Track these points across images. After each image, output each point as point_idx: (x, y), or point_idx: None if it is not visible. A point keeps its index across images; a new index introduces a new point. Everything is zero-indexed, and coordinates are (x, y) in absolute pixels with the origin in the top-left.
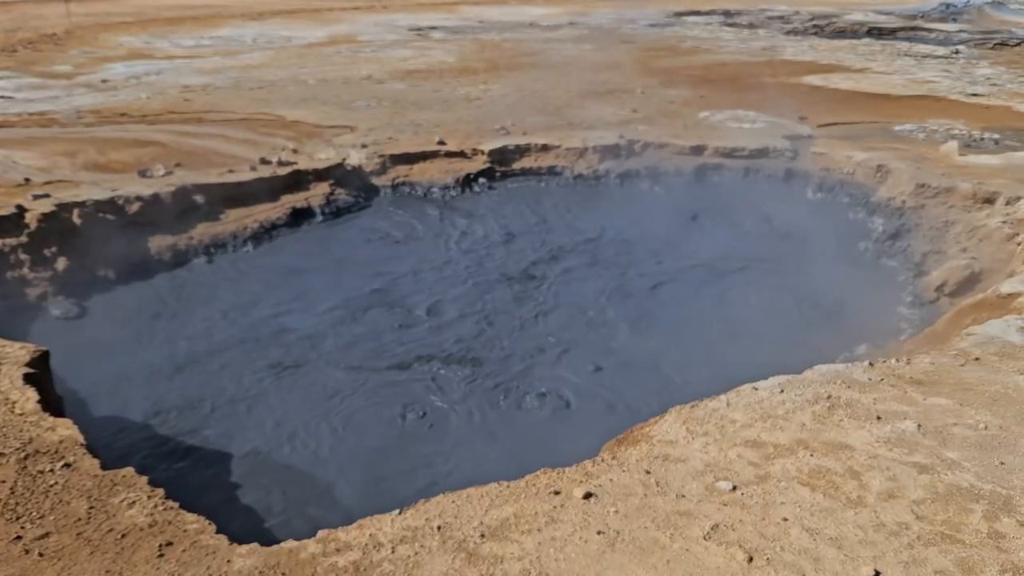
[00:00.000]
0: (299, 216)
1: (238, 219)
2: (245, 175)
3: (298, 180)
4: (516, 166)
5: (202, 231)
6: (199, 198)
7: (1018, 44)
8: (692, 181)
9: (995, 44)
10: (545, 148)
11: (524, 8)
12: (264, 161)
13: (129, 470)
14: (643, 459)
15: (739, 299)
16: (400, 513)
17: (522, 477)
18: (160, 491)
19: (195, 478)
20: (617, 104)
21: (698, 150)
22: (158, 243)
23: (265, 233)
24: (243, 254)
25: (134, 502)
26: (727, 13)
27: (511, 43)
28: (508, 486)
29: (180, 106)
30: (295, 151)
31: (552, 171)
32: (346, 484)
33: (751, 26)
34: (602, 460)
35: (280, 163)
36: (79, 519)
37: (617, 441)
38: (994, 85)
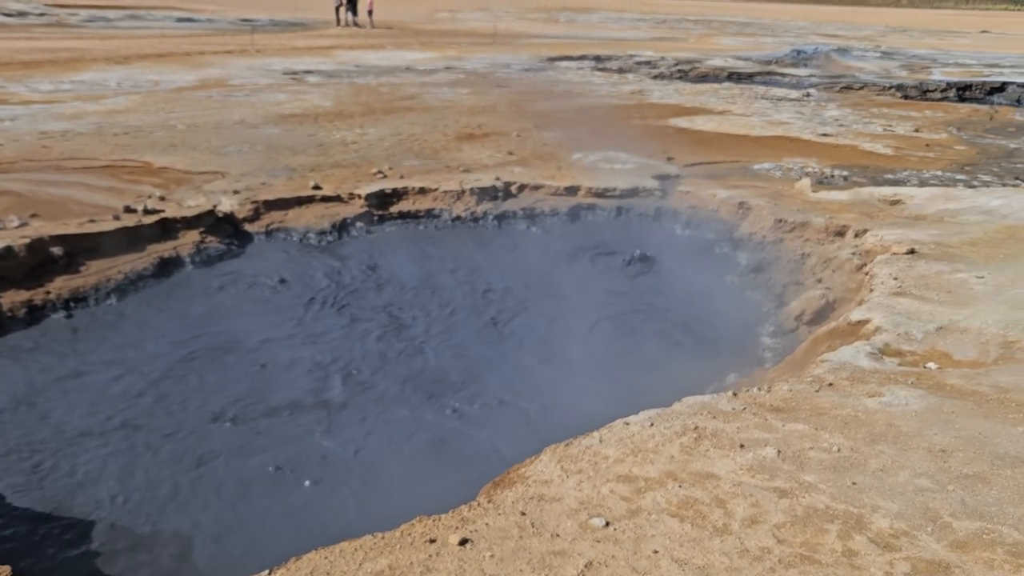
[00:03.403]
0: (167, 266)
1: (101, 271)
2: (108, 224)
3: (166, 229)
4: (394, 210)
5: (60, 285)
6: (57, 250)
7: (861, 87)
8: (567, 221)
9: (841, 87)
10: (423, 191)
11: (400, 52)
12: (129, 209)
13: None
14: (519, 501)
15: (611, 334)
16: (270, 573)
17: (398, 526)
18: (6, 568)
19: (44, 557)
20: (493, 147)
21: (572, 191)
22: (11, 299)
23: (130, 285)
24: (106, 307)
25: None
26: (598, 58)
27: (388, 87)
28: (383, 537)
29: (37, 153)
30: (162, 198)
31: (430, 214)
32: (208, 544)
33: (620, 71)
34: (478, 504)
35: (146, 211)
36: None
37: (494, 484)
38: (842, 126)
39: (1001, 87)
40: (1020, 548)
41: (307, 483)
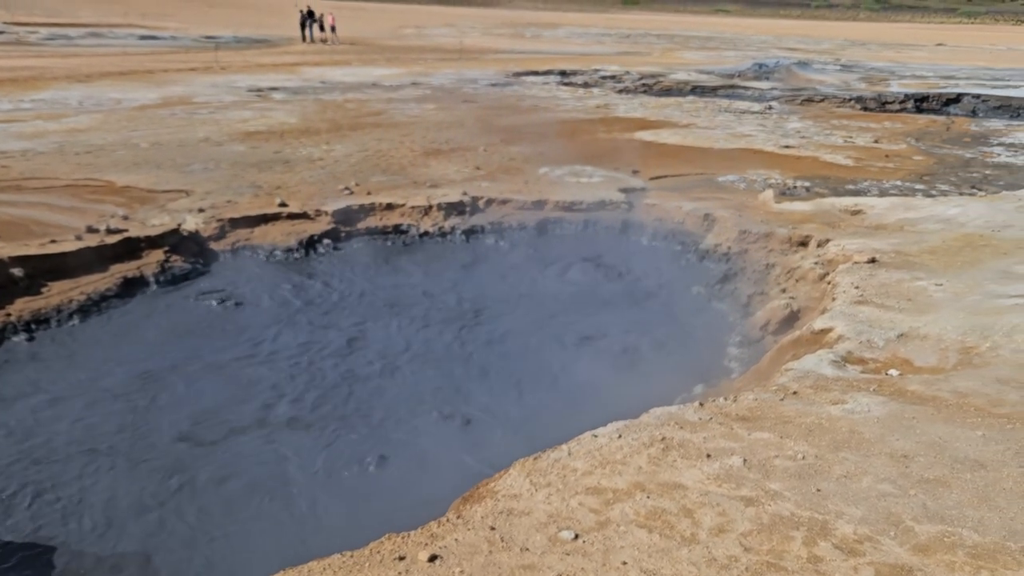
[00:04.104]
0: (131, 286)
1: (63, 292)
2: (69, 245)
3: (129, 248)
4: (361, 226)
5: (21, 307)
6: (17, 271)
7: (822, 100)
8: (535, 234)
9: (802, 100)
10: (390, 207)
11: (366, 68)
12: (91, 229)
13: None
14: (488, 515)
15: (580, 346)
16: None
17: (367, 544)
18: None
19: None
20: (461, 162)
21: (539, 204)
22: None
23: (93, 306)
24: (68, 328)
25: None
26: (563, 73)
27: (354, 103)
28: (352, 555)
29: None
30: (126, 218)
31: (398, 229)
32: (175, 566)
33: (586, 85)
34: (447, 520)
35: (109, 231)
36: None
37: (463, 499)
38: (803, 137)
39: (957, 98)
40: (980, 550)
41: (275, 502)
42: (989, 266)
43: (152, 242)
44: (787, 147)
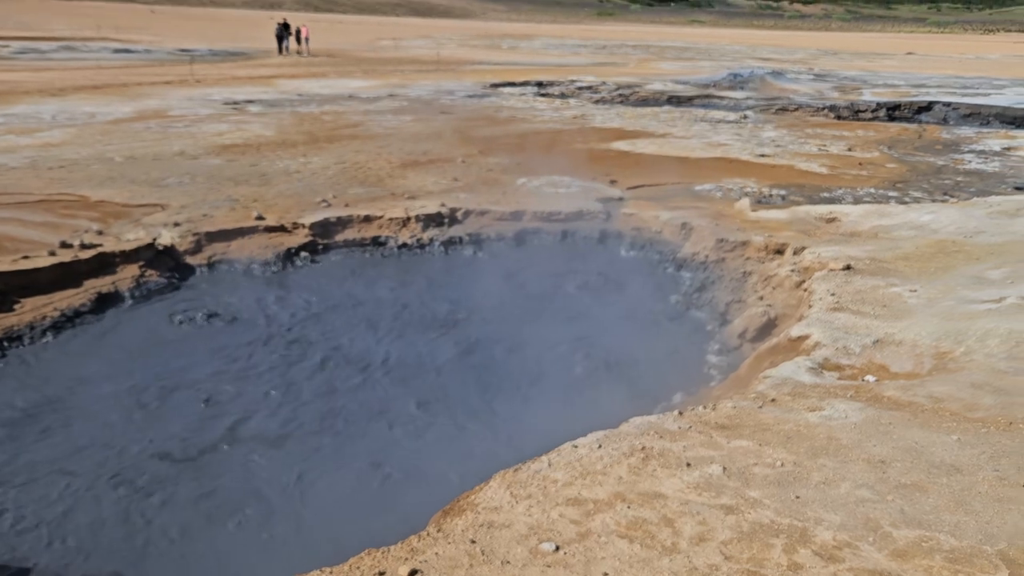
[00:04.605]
0: (106, 301)
1: (36, 308)
2: (43, 260)
3: (104, 263)
4: (339, 238)
5: None
6: None
7: (796, 109)
8: (513, 245)
9: (777, 109)
10: (368, 219)
11: (343, 81)
12: (65, 245)
13: None
14: (468, 528)
15: (561, 356)
16: None
17: (346, 560)
18: None
19: None
20: (438, 173)
21: (518, 215)
22: None
23: (67, 322)
24: (42, 345)
25: None
26: (540, 84)
27: (331, 115)
28: (331, 572)
29: None
30: (100, 232)
31: (376, 241)
32: None
33: (563, 96)
34: (428, 534)
35: (83, 246)
36: None
37: (443, 512)
38: (778, 146)
39: (928, 106)
40: (957, 554)
41: (254, 520)
42: (962, 272)
43: (127, 257)
44: (762, 156)
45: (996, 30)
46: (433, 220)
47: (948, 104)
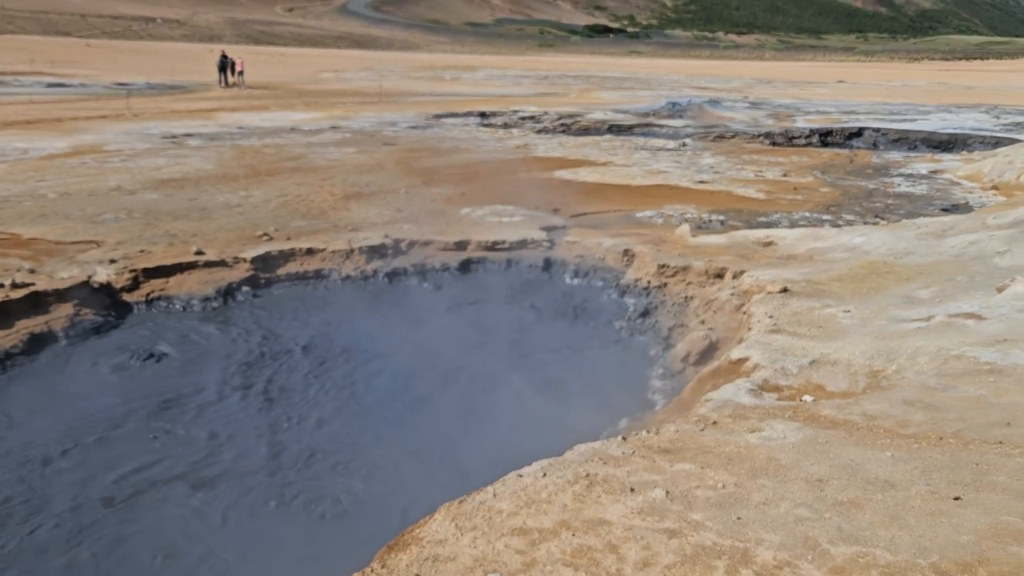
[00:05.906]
0: (39, 342)
1: None
2: None
3: (36, 303)
4: (281, 272)
5: None
6: None
7: (733, 136)
8: (458, 275)
9: (715, 137)
10: (311, 252)
11: (285, 113)
12: None
13: None
14: (413, 563)
15: (507, 384)
16: None
17: None
18: None
19: None
20: (382, 204)
21: (462, 245)
22: None
23: None
24: None
25: None
26: (483, 115)
27: (272, 148)
28: None
29: None
30: (32, 271)
31: (319, 274)
32: None
33: (505, 126)
34: (372, 571)
35: (14, 285)
36: None
37: (388, 548)
38: (717, 173)
39: (859, 132)
40: (893, 569)
41: (197, 561)
42: (892, 292)
43: (61, 295)
44: (701, 182)
45: (920, 58)
46: (377, 252)
47: (878, 130)
